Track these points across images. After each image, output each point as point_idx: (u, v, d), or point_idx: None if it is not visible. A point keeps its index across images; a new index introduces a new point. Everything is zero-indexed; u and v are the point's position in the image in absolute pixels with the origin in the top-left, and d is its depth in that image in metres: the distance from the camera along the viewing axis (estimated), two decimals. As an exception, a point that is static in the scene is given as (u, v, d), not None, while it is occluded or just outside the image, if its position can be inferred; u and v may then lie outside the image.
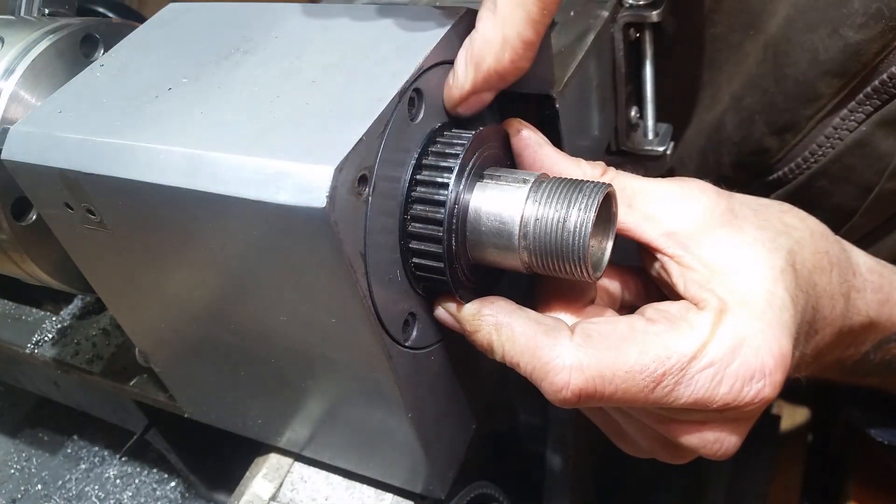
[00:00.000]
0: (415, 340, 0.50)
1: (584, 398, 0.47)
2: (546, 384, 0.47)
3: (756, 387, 0.47)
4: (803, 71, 0.70)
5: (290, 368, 0.53)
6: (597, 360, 0.46)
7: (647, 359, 0.47)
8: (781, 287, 0.49)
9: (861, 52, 0.65)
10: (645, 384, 0.47)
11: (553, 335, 0.48)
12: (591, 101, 0.65)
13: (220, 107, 0.46)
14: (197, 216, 0.44)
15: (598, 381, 0.46)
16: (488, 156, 0.50)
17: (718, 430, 0.51)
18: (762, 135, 0.76)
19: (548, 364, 0.47)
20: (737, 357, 0.47)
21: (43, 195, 0.51)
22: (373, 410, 0.53)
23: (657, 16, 0.66)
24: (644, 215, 0.52)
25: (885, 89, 0.66)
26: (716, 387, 0.47)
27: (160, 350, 0.61)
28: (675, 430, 0.51)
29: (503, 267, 0.50)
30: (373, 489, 0.63)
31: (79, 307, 0.79)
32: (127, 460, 0.99)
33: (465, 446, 0.61)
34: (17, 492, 0.99)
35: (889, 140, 0.68)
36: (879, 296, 0.60)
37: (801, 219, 0.55)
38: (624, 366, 0.47)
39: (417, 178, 0.47)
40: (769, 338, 0.48)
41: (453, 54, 0.50)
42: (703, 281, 0.50)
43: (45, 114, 0.51)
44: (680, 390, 0.47)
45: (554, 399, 0.48)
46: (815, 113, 0.71)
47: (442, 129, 0.50)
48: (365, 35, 0.50)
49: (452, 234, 0.48)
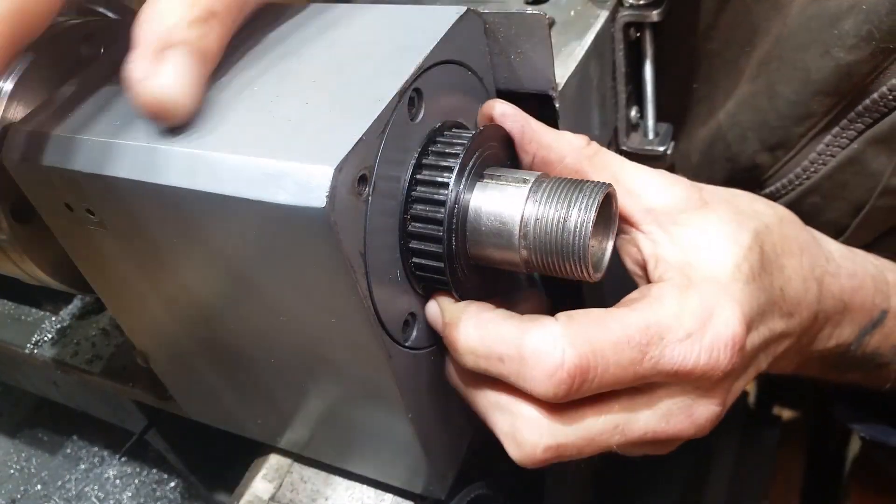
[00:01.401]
0: (415, 341, 0.50)
1: (578, 379, 0.47)
2: (539, 370, 0.47)
3: (728, 354, 0.49)
4: (795, 90, 0.71)
5: (290, 368, 0.53)
6: (586, 334, 0.47)
7: (630, 330, 0.48)
8: (747, 264, 0.52)
9: (852, 73, 0.66)
10: (633, 355, 0.48)
11: (537, 321, 0.48)
12: (591, 101, 0.66)
13: (220, 106, 0.46)
14: (196, 216, 0.44)
15: (590, 357, 0.47)
16: (489, 155, 0.50)
17: (700, 402, 0.52)
18: (755, 151, 0.77)
19: (538, 348, 0.47)
20: (709, 328, 0.49)
21: (43, 195, 0.51)
22: (372, 411, 0.53)
23: (657, 15, 0.66)
24: (626, 189, 0.54)
25: (876, 108, 0.67)
26: (697, 356, 0.49)
27: (160, 350, 0.61)
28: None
29: (503, 266, 0.50)
30: (373, 489, 0.63)
31: (78, 307, 0.79)
32: (126, 460, 0.99)
33: (465, 446, 0.61)
34: (16, 492, 0.99)
35: (880, 158, 0.69)
36: (854, 282, 0.61)
37: (770, 206, 0.58)
38: (612, 337, 0.47)
39: (417, 178, 0.47)
40: (736, 308, 0.50)
41: (453, 54, 0.50)
42: (673, 259, 0.53)
43: (44, 114, 0.51)
44: (664, 362, 0.48)
45: (547, 385, 0.47)
46: (807, 130, 0.72)
47: (442, 128, 0.50)
48: (365, 35, 0.50)
49: (452, 233, 0.48)
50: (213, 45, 0.46)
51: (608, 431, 0.50)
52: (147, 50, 0.45)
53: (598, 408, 0.50)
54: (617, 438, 0.51)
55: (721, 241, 0.52)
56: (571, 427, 0.50)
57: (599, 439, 0.50)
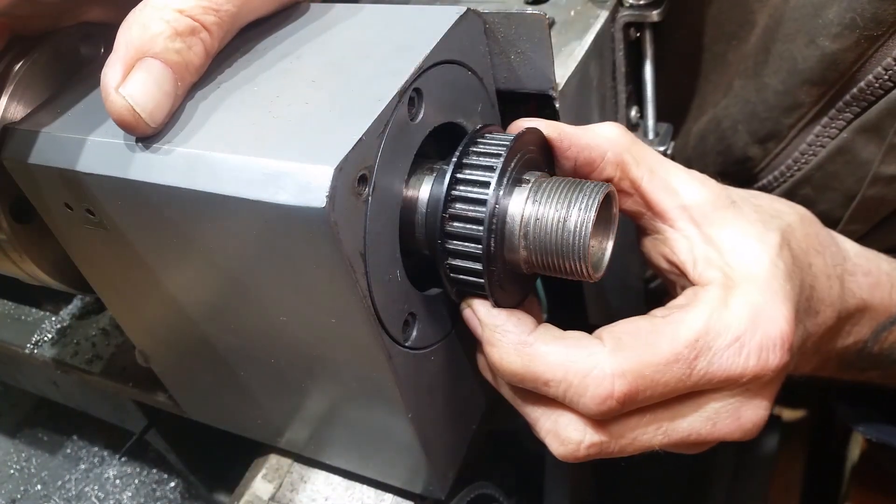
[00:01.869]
0: (415, 340, 0.50)
1: (627, 403, 0.47)
2: (588, 398, 0.47)
3: (778, 354, 0.49)
4: (783, 80, 0.71)
5: (290, 368, 0.53)
6: (635, 361, 0.47)
7: (678, 346, 0.48)
8: (781, 262, 0.52)
9: (838, 62, 0.66)
10: (682, 372, 0.48)
11: (584, 346, 0.48)
12: (591, 101, 0.65)
13: (219, 106, 0.46)
14: (196, 216, 0.44)
15: (639, 382, 0.47)
16: (528, 159, 0.50)
17: (748, 404, 0.52)
18: (745, 144, 0.77)
19: (587, 377, 0.47)
20: (758, 328, 0.49)
21: (43, 195, 0.51)
22: (373, 411, 0.53)
23: (657, 15, 0.66)
24: (663, 185, 0.53)
25: (864, 97, 0.67)
26: (745, 360, 0.48)
27: (160, 350, 0.61)
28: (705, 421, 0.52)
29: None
30: (373, 489, 0.63)
31: (78, 307, 0.79)
32: (126, 460, 0.99)
33: (465, 446, 0.61)
34: (16, 492, 0.99)
35: (869, 147, 0.69)
36: (870, 279, 0.61)
37: (790, 205, 0.58)
38: (662, 360, 0.47)
39: (458, 177, 0.47)
40: (780, 306, 0.49)
41: (453, 54, 0.50)
42: (711, 258, 0.52)
43: (45, 114, 0.51)
44: (713, 370, 0.48)
45: (595, 411, 0.48)
46: (796, 121, 0.73)
47: (481, 129, 0.50)
48: (365, 35, 0.50)
49: (492, 235, 0.47)
50: (195, 58, 0.46)
51: (651, 432, 0.50)
52: (122, 56, 0.44)
53: (643, 410, 0.50)
54: (660, 439, 0.51)
55: (754, 241, 0.52)
56: (615, 427, 0.50)
57: (642, 439, 0.51)
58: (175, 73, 0.45)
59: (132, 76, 0.44)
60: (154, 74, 0.44)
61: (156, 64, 0.44)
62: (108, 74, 0.45)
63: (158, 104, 0.44)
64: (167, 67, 0.45)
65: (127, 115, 0.44)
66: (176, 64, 0.45)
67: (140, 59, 0.44)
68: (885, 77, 0.64)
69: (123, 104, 0.44)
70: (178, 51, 0.45)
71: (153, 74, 0.44)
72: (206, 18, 0.46)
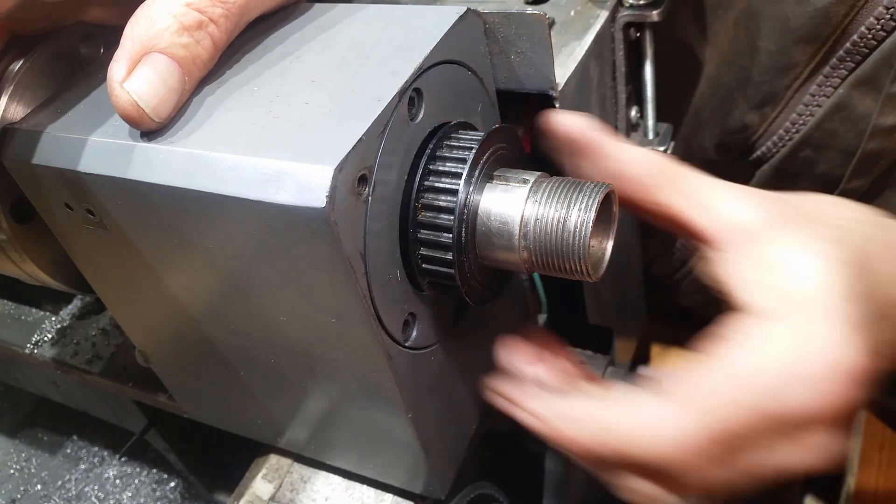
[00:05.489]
0: (415, 340, 0.50)
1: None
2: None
3: (849, 387, 0.43)
4: (776, 41, 0.70)
5: (290, 369, 0.53)
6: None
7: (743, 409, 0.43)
8: (844, 280, 0.45)
9: (829, 16, 0.66)
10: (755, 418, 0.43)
11: (646, 427, 0.44)
12: (591, 101, 0.65)
13: (219, 106, 0.46)
14: (196, 216, 0.44)
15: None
16: (500, 156, 0.50)
17: (826, 438, 0.46)
18: (742, 112, 0.77)
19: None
20: (821, 364, 0.43)
21: (43, 195, 0.51)
22: (373, 411, 0.53)
23: (657, 15, 0.66)
24: (700, 204, 0.49)
25: (857, 50, 0.67)
26: (821, 399, 0.43)
27: (160, 350, 0.61)
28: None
29: (504, 267, 0.50)
30: (373, 489, 0.63)
31: (78, 307, 0.79)
32: (126, 460, 0.99)
33: (465, 446, 0.61)
34: (16, 492, 0.99)
35: (866, 100, 0.69)
36: None
37: (856, 209, 0.51)
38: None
39: (430, 168, 0.47)
40: (849, 334, 0.43)
41: (453, 54, 0.50)
42: (762, 281, 0.46)
43: (45, 114, 0.51)
44: (789, 417, 0.43)
45: None
46: (791, 82, 0.72)
47: (451, 129, 0.50)
48: (365, 35, 0.50)
49: (463, 224, 0.47)
50: (203, 52, 0.46)
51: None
52: (128, 51, 0.44)
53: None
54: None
55: (811, 261, 0.45)
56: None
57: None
58: (182, 68, 0.45)
59: (137, 71, 0.44)
60: (159, 70, 0.44)
61: (161, 59, 0.44)
62: (113, 69, 0.45)
63: (163, 99, 0.44)
64: (173, 62, 0.45)
65: (131, 110, 0.44)
66: (183, 59, 0.45)
67: (146, 55, 0.44)
68: (878, 27, 0.64)
69: (128, 99, 0.44)
70: (185, 45, 0.45)
71: (158, 70, 0.44)
72: (214, 11, 0.46)
